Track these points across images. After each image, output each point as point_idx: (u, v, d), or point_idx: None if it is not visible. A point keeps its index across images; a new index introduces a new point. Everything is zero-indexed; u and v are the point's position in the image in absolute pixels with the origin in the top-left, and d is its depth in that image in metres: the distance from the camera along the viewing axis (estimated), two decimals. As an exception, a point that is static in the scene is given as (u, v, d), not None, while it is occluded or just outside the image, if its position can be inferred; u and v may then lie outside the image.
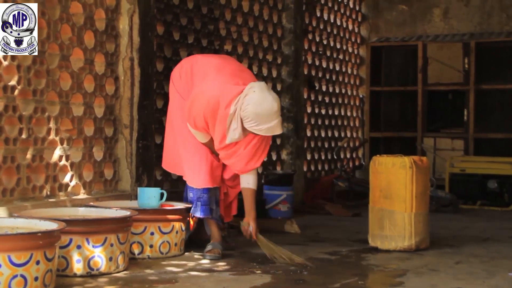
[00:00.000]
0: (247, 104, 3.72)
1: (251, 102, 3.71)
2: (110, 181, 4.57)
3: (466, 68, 8.57)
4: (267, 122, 3.72)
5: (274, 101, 3.73)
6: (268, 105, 3.71)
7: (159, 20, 5.24)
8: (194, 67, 4.08)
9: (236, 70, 4.01)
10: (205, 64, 4.06)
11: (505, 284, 3.41)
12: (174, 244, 3.97)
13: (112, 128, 4.60)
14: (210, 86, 3.89)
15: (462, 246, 4.60)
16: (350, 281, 3.45)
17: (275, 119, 3.73)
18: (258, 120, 3.71)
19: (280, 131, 3.81)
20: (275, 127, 3.75)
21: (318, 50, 7.93)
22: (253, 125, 3.74)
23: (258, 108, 3.69)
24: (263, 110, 3.70)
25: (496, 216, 6.53)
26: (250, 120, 3.73)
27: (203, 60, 4.12)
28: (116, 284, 3.25)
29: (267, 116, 3.71)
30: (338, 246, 4.49)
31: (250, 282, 3.34)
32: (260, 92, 3.73)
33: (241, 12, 6.34)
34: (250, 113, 3.70)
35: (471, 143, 8.45)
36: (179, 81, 4.13)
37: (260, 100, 3.70)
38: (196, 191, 4.05)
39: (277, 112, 3.74)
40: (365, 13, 9.41)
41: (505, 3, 8.97)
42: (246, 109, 3.72)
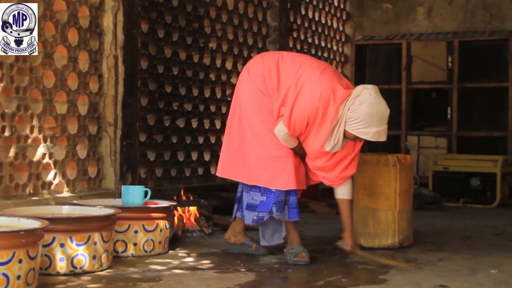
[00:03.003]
0: (360, 104, 3.57)
1: (365, 102, 3.57)
2: (94, 179, 4.56)
3: (450, 66, 8.62)
4: (378, 125, 3.58)
5: (386, 106, 3.62)
6: (382, 107, 3.60)
7: (143, 18, 5.23)
8: (281, 63, 3.81)
9: (335, 72, 3.80)
10: (297, 62, 3.80)
11: (487, 281, 3.44)
12: (158, 242, 3.96)
13: (96, 126, 4.59)
14: (318, 84, 3.66)
15: (445, 244, 4.63)
16: (334, 278, 3.46)
17: (384, 124, 3.60)
18: (370, 121, 3.57)
19: (385, 139, 3.64)
20: (382, 133, 3.61)
21: (303, 48, 7.94)
22: (361, 126, 3.58)
23: (373, 109, 3.56)
24: (377, 111, 3.57)
25: (479, 213, 6.57)
26: (359, 121, 3.57)
27: (291, 58, 3.84)
28: (100, 282, 3.24)
29: (379, 119, 3.58)
30: (322, 244, 4.50)
31: (234, 280, 3.35)
32: (375, 94, 3.61)
33: (226, 10, 6.34)
34: (363, 113, 3.56)
35: (454, 141, 8.51)
36: (260, 77, 3.83)
37: (375, 101, 3.58)
38: (280, 193, 3.82)
39: (387, 118, 3.62)
40: (349, 11, 9.44)
41: (488, 2, 9.03)
42: (357, 109, 3.57)
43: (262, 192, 3.88)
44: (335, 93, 3.64)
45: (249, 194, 3.91)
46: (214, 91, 6.18)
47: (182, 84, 5.74)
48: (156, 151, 5.43)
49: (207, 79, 6.08)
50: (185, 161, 5.78)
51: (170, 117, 5.60)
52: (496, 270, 3.67)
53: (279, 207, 3.83)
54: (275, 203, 3.83)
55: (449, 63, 8.66)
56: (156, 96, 5.45)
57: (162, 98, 5.50)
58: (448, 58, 8.67)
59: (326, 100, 3.64)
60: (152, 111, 5.39)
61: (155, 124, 5.42)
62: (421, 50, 8.93)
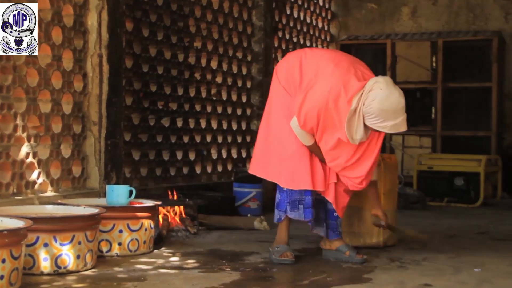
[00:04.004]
0: (372, 100, 3.50)
1: (376, 97, 3.49)
2: (78, 178, 4.53)
3: (434, 66, 8.67)
4: (393, 119, 3.51)
5: (400, 96, 3.52)
6: (394, 101, 3.50)
7: (128, 17, 5.21)
8: (304, 60, 3.79)
9: (353, 62, 3.75)
10: (317, 57, 3.80)
11: (471, 280, 3.46)
12: (143, 242, 3.95)
13: (80, 125, 4.56)
14: (330, 77, 3.63)
15: (429, 243, 4.65)
16: (318, 277, 3.47)
17: (401, 115, 3.52)
18: (384, 116, 3.50)
19: (405, 128, 3.56)
20: (400, 124, 3.53)
21: (288, 47, 7.95)
22: (377, 122, 3.52)
23: (385, 104, 3.48)
24: (389, 106, 3.49)
25: (462, 213, 6.61)
26: (374, 116, 3.51)
27: (313, 53, 3.86)
28: (84, 282, 3.23)
29: (393, 112, 3.50)
30: (307, 243, 4.51)
31: (219, 279, 3.34)
32: (386, 88, 3.51)
33: (211, 9, 6.33)
34: (375, 109, 3.49)
35: (438, 140, 8.56)
36: (285, 75, 3.84)
37: (386, 95, 3.49)
38: (292, 192, 3.80)
39: (403, 108, 3.53)
40: (334, 11, 9.46)
41: (472, 3, 9.09)
42: (370, 105, 3.50)
43: (279, 191, 3.89)
44: (347, 86, 3.58)
45: (276, 193, 3.94)
46: (199, 90, 6.17)
47: (167, 83, 5.73)
48: (141, 150, 5.41)
49: (192, 78, 6.07)
50: (170, 161, 5.76)
51: (155, 116, 5.58)
52: (480, 269, 3.69)
53: (293, 207, 3.82)
54: (288, 202, 3.82)
55: (433, 63, 8.71)
56: (141, 95, 5.43)
57: (147, 97, 5.49)
58: (433, 58, 8.72)
59: (337, 93, 3.59)
60: (137, 110, 5.38)
61: (140, 123, 5.41)
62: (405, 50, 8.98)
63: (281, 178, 3.84)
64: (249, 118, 6.98)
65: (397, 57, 8.85)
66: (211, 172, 6.35)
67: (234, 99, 6.73)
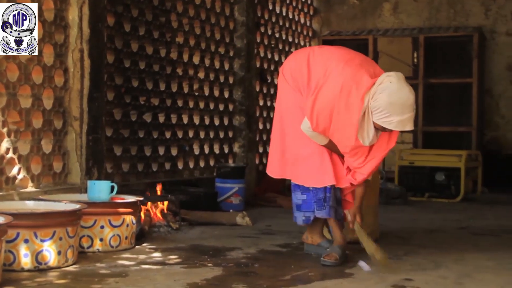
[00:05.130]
0: (380, 92, 3.40)
1: (385, 90, 3.39)
2: (59, 174, 4.51)
3: (415, 62, 8.72)
4: (400, 114, 3.38)
5: (410, 92, 3.41)
6: (404, 95, 3.39)
7: (109, 11, 5.18)
8: (312, 58, 3.72)
9: (363, 60, 3.68)
10: (326, 55, 3.72)
11: (451, 274, 3.49)
12: (124, 238, 3.94)
13: (62, 121, 4.53)
14: (341, 76, 3.55)
15: (410, 238, 4.68)
16: (300, 273, 3.48)
17: (408, 112, 3.39)
18: (391, 110, 3.38)
19: (411, 127, 3.44)
20: (407, 121, 3.40)
21: (270, 43, 7.95)
22: (383, 116, 3.40)
23: (393, 97, 3.37)
24: (398, 99, 3.38)
25: (443, 208, 6.66)
26: (381, 110, 3.39)
27: (321, 51, 3.78)
28: (65, 278, 3.21)
29: (401, 107, 3.38)
30: (289, 238, 4.52)
31: (201, 275, 3.34)
32: (397, 81, 3.41)
33: (193, 4, 6.31)
34: (383, 102, 3.38)
35: (420, 136, 8.61)
36: (292, 74, 3.79)
37: (396, 89, 3.39)
38: (317, 191, 3.75)
39: (412, 106, 3.41)
40: (316, 7, 9.48)
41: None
42: (378, 98, 3.40)
43: (302, 191, 3.84)
44: (358, 83, 3.52)
45: (294, 194, 3.88)
46: (181, 85, 6.16)
47: (148, 78, 5.71)
48: (123, 145, 5.39)
49: (174, 74, 6.05)
50: (152, 156, 5.75)
51: (136, 112, 5.56)
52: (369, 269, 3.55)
53: (319, 205, 3.79)
54: (315, 201, 3.78)
55: (414, 59, 8.76)
56: (123, 91, 5.40)
57: (128, 92, 5.46)
58: (414, 54, 8.76)
59: (348, 90, 3.52)
60: (119, 105, 5.35)
61: (122, 119, 5.38)
62: (387, 46, 9.01)
63: (305, 178, 3.80)
64: (232, 113, 6.98)
65: (379, 53, 8.88)
66: (193, 168, 6.35)
67: (216, 94, 6.72)
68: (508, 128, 8.98)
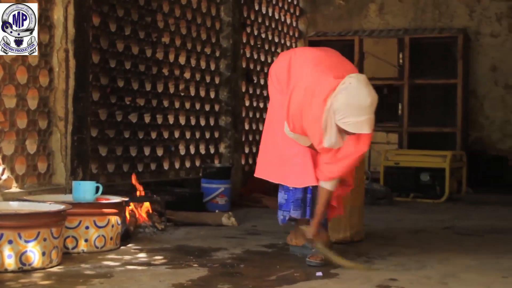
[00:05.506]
0: (339, 93, 3.39)
1: (343, 91, 3.38)
2: (44, 174, 4.48)
3: (401, 63, 8.75)
4: (356, 116, 3.36)
5: (368, 95, 3.38)
6: (361, 97, 3.36)
7: (95, 11, 5.16)
8: (292, 60, 3.75)
9: (337, 63, 3.68)
10: (303, 57, 3.75)
11: (435, 274, 3.51)
12: (109, 238, 3.93)
13: (46, 121, 4.51)
14: (307, 77, 3.59)
15: (395, 238, 4.71)
16: (286, 273, 3.48)
17: (365, 114, 3.36)
18: (348, 112, 3.36)
19: (368, 131, 3.42)
20: (363, 124, 3.37)
21: (256, 43, 7.95)
22: (341, 117, 3.39)
23: (351, 99, 3.36)
24: (355, 101, 3.35)
25: (428, 208, 6.70)
26: (339, 111, 3.39)
27: (301, 53, 3.81)
28: (50, 279, 3.20)
29: (357, 109, 3.36)
30: (275, 239, 4.52)
31: (187, 275, 3.34)
32: (356, 83, 3.39)
33: (179, 5, 6.30)
34: (341, 103, 3.37)
35: (405, 136, 8.65)
36: (276, 75, 3.81)
37: (354, 89, 3.37)
38: (297, 191, 3.75)
39: (369, 108, 3.37)
40: (303, 7, 9.49)
41: (438, 0, 9.21)
42: (337, 99, 3.39)
43: (285, 191, 3.85)
44: (321, 85, 3.52)
45: (279, 193, 3.90)
46: (167, 86, 6.15)
47: (134, 78, 5.69)
48: (108, 146, 5.37)
49: (160, 74, 6.04)
50: (137, 156, 5.73)
51: (122, 112, 5.54)
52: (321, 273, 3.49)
53: (296, 206, 3.79)
54: (293, 201, 3.79)
55: (400, 59, 8.79)
56: (108, 91, 5.38)
57: (114, 92, 5.44)
58: (399, 55, 8.80)
59: (311, 93, 3.54)
60: (104, 105, 5.33)
61: (107, 119, 5.36)
62: (373, 47, 9.04)
63: (287, 178, 3.80)
64: (218, 114, 6.97)
65: (364, 53, 8.91)
66: (179, 168, 6.34)
67: (202, 95, 6.71)
68: (492, 128, 9.05)
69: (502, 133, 9.02)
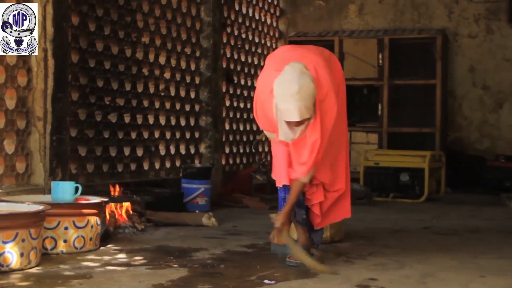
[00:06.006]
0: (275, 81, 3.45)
1: (277, 79, 3.43)
2: (22, 175, 4.45)
3: (381, 63, 8.79)
4: (284, 102, 3.36)
5: (291, 82, 3.35)
6: (285, 85, 3.36)
7: (74, 11, 5.12)
8: (269, 59, 3.79)
9: (295, 57, 3.60)
10: (276, 56, 3.78)
11: (415, 273, 3.53)
12: (89, 239, 3.90)
13: (25, 121, 4.48)
14: (261, 74, 3.68)
15: (375, 238, 4.73)
16: (266, 273, 3.48)
17: (291, 101, 3.34)
18: (278, 99, 3.39)
19: (295, 119, 3.37)
20: (290, 111, 3.36)
21: (236, 43, 7.95)
22: (277, 104, 3.43)
23: (280, 85, 3.39)
24: (281, 89, 3.38)
25: (407, 208, 6.74)
26: (275, 99, 3.42)
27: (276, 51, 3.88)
28: (28, 280, 3.17)
29: (283, 96, 3.37)
30: (255, 239, 4.52)
31: (167, 276, 3.33)
32: (289, 70, 3.41)
33: (159, 4, 6.28)
34: (275, 91, 3.41)
35: (384, 137, 8.69)
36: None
37: (285, 77, 3.39)
38: (279, 190, 3.77)
39: (295, 96, 3.33)
40: (283, 8, 9.50)
41: (417, 1, 9.26)
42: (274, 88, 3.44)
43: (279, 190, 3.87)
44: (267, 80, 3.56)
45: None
46: (147, 85, 6.13)
47: (114, 78, 5.66)
48: (88, 146, 5.34)
49: (140, 74, 6.02)
50: (117, 157, 5.70)
51: (102, 112, 5.51)
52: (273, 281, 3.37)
53: (281, 205, 3.79)
54: (283, 199, 3.78)
55: (379, 60, 8.83)
56: (88, 91, 5.35)
57: (93, 92, 5.41)
58: (379, 55, 8.84)
59: (261, 89, 3.62)
60: (83, 105, 5.30)
61: (87, 119, 5.33)
62: (352, 47, 9.08)
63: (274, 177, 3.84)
64: (198, 114, 6.96)
65: (344, 54, 8.94)
66: (159, 168, 6.32)
67: (182, 95, 6.70)
68: (470, 129, 9.12)
69: (480, 134, 9.10)
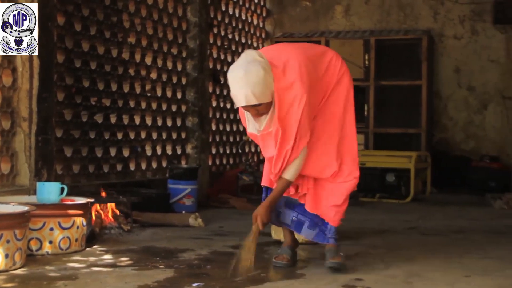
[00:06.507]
0: None
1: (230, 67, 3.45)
2: (7, 175, 4.42)
3: (367, 64, 8.82)
4: (232, 88, 3.38)
5: (241, 68, 3.34)
6: (234, 70, 3.38)
7: (59, 11, 5.10)
8: None
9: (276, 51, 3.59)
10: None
11: (400, 273, 3.55)
12: (74, 240, 3.89)
13: (10, 121, 4.45)
14: None
15: (361, 238, 4.74)
16: (252, 274, 3.48)
17: (237, 87, 3.34)
18: (229, 85, 3.41)
19: (241, 104, 3.36)
20: (236, 97, 3.36)
21: (223, 44, 7.95)
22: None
23: (229, 73, 3.41)
24: (230, 75, 3.39)
25: (393, 208, 6.76)
26: None
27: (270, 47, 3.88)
28: (13, 281, 3.15)
29: (231, 81, 3.38)
30: (242, 239, 4.50)
31: (153, 277, 3.32)
32: (240, 57, 3.43)
33: (145, 5, 6.26)
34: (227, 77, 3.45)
35: (371, 137, 8.72)
36: None
37: (234, 65, 3.42)
38: (263, 190, 3.76)
39: (240, 82, 3.32)
40: (269, 8, 9.51)
41: (403, 2, 9.30)
42: None
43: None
44: None
45: None
46: (133, 86, 6.11)
47: (100, 78, 5.64)
48: (73, 146, 5.32)
49: (126, 74, 6.00)
50: (103, 157, 5.68)
51: (87, 112, 5.49)
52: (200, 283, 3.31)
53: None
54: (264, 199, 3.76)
55: (366, 61, 8.86)
56: (73, 91, 5.33)
57: (79, 92, 5.39)
58: (365, 56, 8.86)
59: None
60: (69, 106, 5.28)
61: (72, 119, 5.31)
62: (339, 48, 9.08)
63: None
64: (184, 114, 6.95)
65: (331, 54, 8.95)
66: (146, 169, 6.30)
67: (169, 95, 6.68)
68: (456, 129, 9.17)
69: (466, 134, 9.15)
